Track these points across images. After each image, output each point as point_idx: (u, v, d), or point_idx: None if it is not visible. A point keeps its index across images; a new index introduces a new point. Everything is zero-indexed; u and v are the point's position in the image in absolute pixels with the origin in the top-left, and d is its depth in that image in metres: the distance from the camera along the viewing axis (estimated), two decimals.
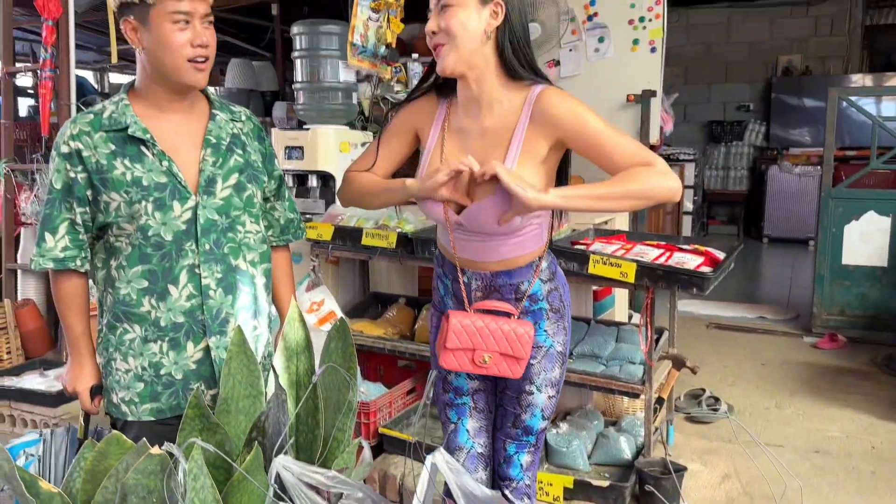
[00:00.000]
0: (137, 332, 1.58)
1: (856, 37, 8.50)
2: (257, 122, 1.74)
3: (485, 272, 1.60)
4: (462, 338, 1.58)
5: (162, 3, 1.46)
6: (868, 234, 4.27)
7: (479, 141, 1.55)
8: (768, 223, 8.16)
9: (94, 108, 1.56)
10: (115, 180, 1.51)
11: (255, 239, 1.67)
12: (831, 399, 3.44)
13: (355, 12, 3.39)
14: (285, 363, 1.64)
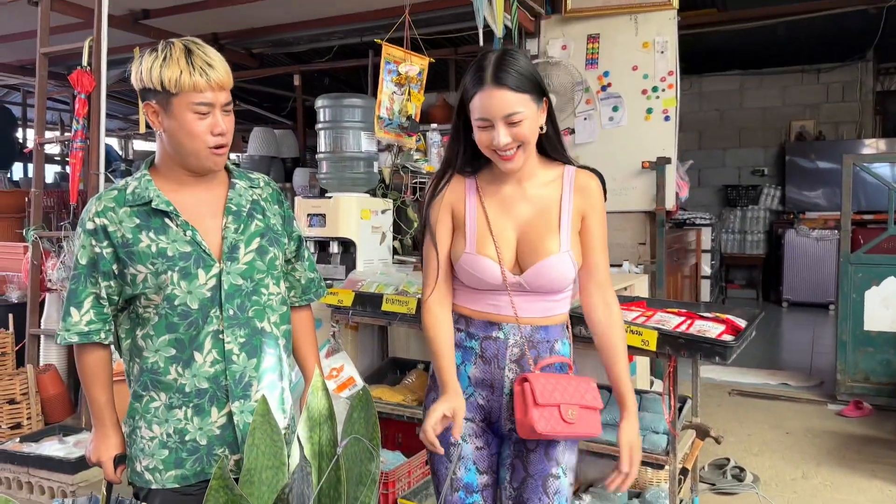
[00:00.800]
0: (163, 399, 1.59)
1: (867, 103, 8.61)
2: (276, 186, 1.78)
3: (524, 326, 1.63)
4: (547, 394, 1.56)
5: (186, 94, 1.49)
6: (889, 299, 4.25)
7: (523, 205, 1.64)
8: (787, 287, 8.11)
9: (117, 185, 1.60)
10: (141, 253, 1.54)
11: (277, 301, 1.69)
12: (859, 469, 3.36)
13: (381, 87, 3.52)
14: (308, 433, 1.64)
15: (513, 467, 1.68)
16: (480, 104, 1.54)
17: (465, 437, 1.67)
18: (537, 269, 1.59)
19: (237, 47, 6.02)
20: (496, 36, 4.20)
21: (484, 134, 1.57)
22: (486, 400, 1.67)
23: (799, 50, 8.11)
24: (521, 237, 1.62)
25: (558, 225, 1.62)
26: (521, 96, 1.53)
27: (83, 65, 4.05)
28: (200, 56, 1.51)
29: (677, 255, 5.70)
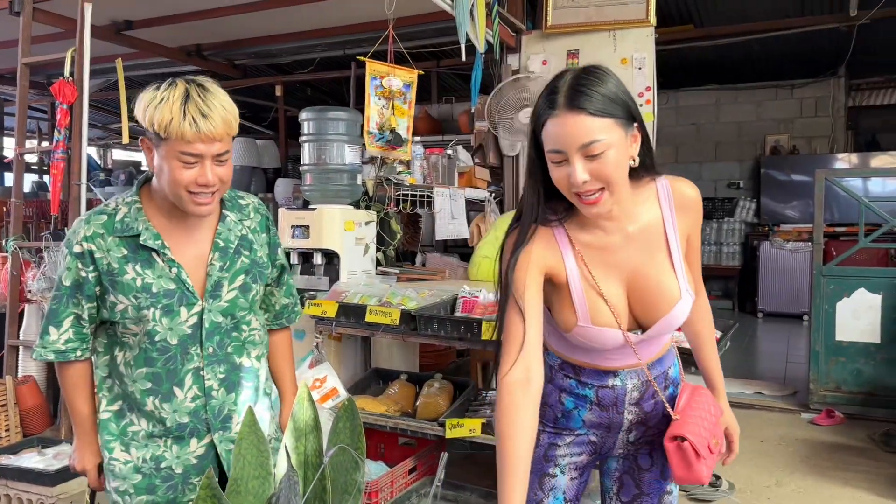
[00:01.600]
0: (144, 426, 1.61)
1: (839, 118, 8.81)
2: (265, 212, 1.77)
3: (639, 368, 1.49)
4: (702, 441, 1.40)
5: (174, 141, 1.46)
6: (860, 310, 4.36)
7: (627, 251, 1.42)
8: (762, 298, 8.26)
9: (107, 209, 1.58)
10: (125, 285, 1.54)
11: (259, 335, 1.73)
12: (831, 477, 3.44)
13: (368, 102, 3.56)
14: (294, 443, 1.67)
15: (621, 482, 1.61)
16: (553, 132, 1.30)
17: (563, 468, 1.54)
18: (663, 322, 1.42)
19: (220, 58, 6.03)
20: (478, 51, 4.27)
21: (559, 170, 1.32)
22: (601, 438, 1.55)
23: (773, 66, 8.30)
24: (633, 289, 1.42)
25: (671, 262, 1.43)
26: (602, 121, 1.28)
27: (65, 75, 4.06)
28: (196, 103, 1.46)
29: None
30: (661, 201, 1.44)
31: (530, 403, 1.33)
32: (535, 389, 1.35)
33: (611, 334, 1.40)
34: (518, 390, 1.33)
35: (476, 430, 2.82)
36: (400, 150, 3.71)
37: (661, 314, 1.41)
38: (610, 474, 1.62)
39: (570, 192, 1.33)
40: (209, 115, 1.47)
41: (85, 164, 4.10)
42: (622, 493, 1.60)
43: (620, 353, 1.45)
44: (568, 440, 1.52)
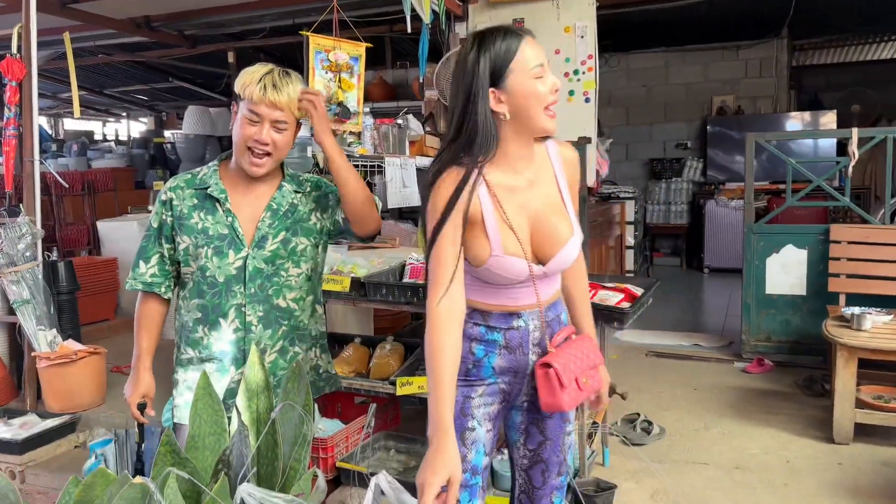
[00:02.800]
0: (193, 353, 1.96)
1: (783, 78, 9.08)
2: (325, 187, 2.02)
3: (539, 309, 1.66)
4: (569, 373, 1.60)
5: (246, 101, 1.82)
6: (788, 265, 4.64)
7: (530, 192, 1.62)
8: (708, 255, 8.60)
9: (192, 171, 1.98)
10: (190, 227, 1.90)
11: (296, 280, 1.97)
12: (755, 419, 3.74)
13: (312, 76, 3.65)
14: (247, 402, 1.85)
15: (527, 432, 1.75)
16: (532, 52, 1.54)
17: (479, 421, 1.67)
18: (559, 257, 1.61)
19: (170, 29, 6.02)
20: (424, 22, 4.37)
21: (542, 83, 1.55)
22: (509, 384, 1.69)
23: (719, 27, 8.48)
24: (535, 227, 1.62)
25: (564, 206, 1.65)
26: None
27: (13, 52, 4.07)
28: (273, 77, 1.82)
29: (602, 227, 6.04)
30: (552, 156, 1.68)
31: (457, 324, 1.54)
32: (461, 310, 1.55)
33: (517, 263, 1.58)
34: (447, 318, 1.51)
35: (425, 387, 3.02)
36: (350, 122, 3.82)
37: (557, 249, 1.61)
38: (516, 427, 1.77)
39: (546, 101, 1.56)
40: (279, 87, 1.82)
41: (37, 141, 4.15)
42: (528, 441, 1.75)
43: (523, 292, 1.63)
44: (480, 391, 1.66)
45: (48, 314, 4.10)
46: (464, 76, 1.55)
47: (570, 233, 1.63)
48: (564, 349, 1.65)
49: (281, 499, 1.61)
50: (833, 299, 4.31)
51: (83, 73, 9.14)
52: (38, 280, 4.07)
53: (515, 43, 1.54)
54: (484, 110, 1.53)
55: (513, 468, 1.82)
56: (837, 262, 4.34)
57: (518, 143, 1.60)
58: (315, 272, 2.04)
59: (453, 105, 1.58)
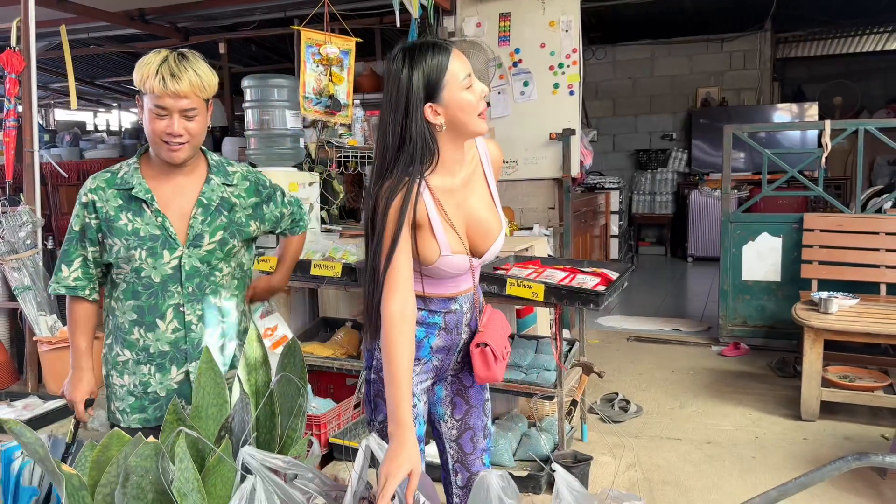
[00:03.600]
0: (129, 355, 1.93)
1: (766, 70, 9.26)
2: (254, 176, 2.02)
3: (471, 293, 1.82)
4: (499, 349, 1.79)
5: (150, 96, 1.78)
6: (763, 253, 4.82)
7: (464, 192, 1.74)
8: (692, 244, 8.79)
9: (112, 168, 1.91)
10: (119, 229, 1.85)
11: (227, 278, 1.98)
12: (728, 399, 3.92)
13: (303, 69, 3.79)
14: (247, 376, 2.01)
15: (453, 404, 1.90)
16: (460, 63, 1.64)
17: (418, 396, 1.81)
18: (493, 249, 1.77)
19: (163, 22, 6.12)
20: (413, 16, 4.50)
21: (472, 92, 1.64)
22: (441, 361, 1.83)
23: (704, 20, 8.64)
24: (470, 224, 1.74)
25: (493, 201, 1.79)
26: None
27: (12, 45, 4.18)
28: (169, 66, 1.75)
29: (587, 217, 6.20)
30: (480, 153, 1.80)
31: (410, 326, 1.64)
32: (412, 313, 1.65)
33: (462, 260, 1.73)
34: (401, 317, 1.61)
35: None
36: (340, 114, 3.97)
37: (490, 242, 1.76)
38: (441, 402, 1.91)
39: (479, 108, 1.65)
40: (178, 75, 1.75)
41: (36, 132, 4.27)
42: (455, 412, 1.91)
43: (463, 279, 1.79)
44: (417, 370, 1.79)
45: (48, 300, 4.23)
46: (398, 93, 1.62)
47: (499, 226, 1.78)
48: (490, 327, 1.83)
49: (279, 460, 1.77)
50: (806, 285, 4.49)
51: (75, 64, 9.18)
52: (38, 267, 4.20)
53: (445, 58, 1.62)
54: (422, 124, 1.62)
55: (441, 443, 1.94)
56: (810, 249, 4.51)
57: (453, 148, 1.70)
58: (241, 268, 2.04)
59: (390, 120, 1.64)
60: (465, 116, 1.65)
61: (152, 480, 1.57)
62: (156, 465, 1.54)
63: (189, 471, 1.59)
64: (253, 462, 1.74)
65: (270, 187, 2.08)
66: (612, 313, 5.97)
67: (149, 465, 1.54)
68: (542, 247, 3.83)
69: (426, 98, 1.64)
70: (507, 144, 5.26)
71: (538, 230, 4.93)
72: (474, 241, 1.77)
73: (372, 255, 1.68)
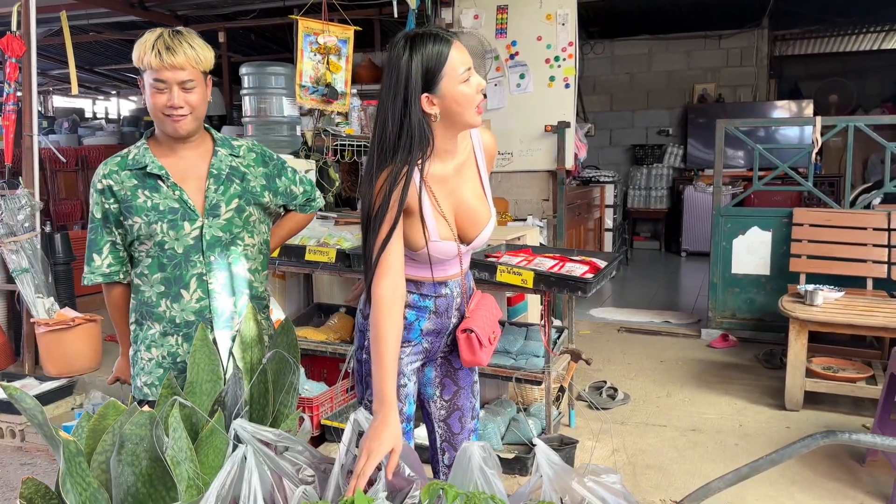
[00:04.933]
0: (157, 328, 1.96)
1: (763, 67, 9.31)
2: (259, 150, 2.07)
3: (460, 278, 1.86)
4: (485, 335, 1.83)
5: (148, 71, 1.83)
6: (753, 246, 4.89)
7: (456, 180, 1.77)
8: (686, 238, 8.86)
9: (121, 152, 1.95)
10: (138, 207, 1.89)
11: (252, 251, 2.02)
12: (714, 389, 3.99)
13: (300, 58, 3.84)
14: (242, 353, 2.06)
15: (442, 385, 1.95)
16: (460, 56, 1.64)
17: (408, 377, 1.85)
18: (481, 237, 1.80)
19: (163, 10, 6.15)
20: (410, 7, 4.55)
21: (470, 85, 1.65)
22: (431, 343, 1.86)
23: (702, 16, 8.68)
24: (460, 211, 1.78)
25: (483, 190, 1.82)
26: None
27: (12, 30, 4.22)
28: (164, 40, 1.81)
29: (581, 209, 6.26)
30: (475, 142, 1.84)
31: (398, 308, 1.68)
32: (401, 296, 1.70)
33: (450, 246, 1.77)
34: (391, 298, 1.66)
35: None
36: (337, 103, 4.02)
37: (479, 230, 1.81)
38: (431, 382, 1.96)
39: (475, 102, 1.66)
40: (172, 48, 1.81)
41: (36, 116, 4.31)
42: (444, 393, 1.96)
43: (451, 265, 1.83)
44: (408, 351, 1.84)
45: (46, 283, 4.28)
46: (398, 80, 1.64)
47: (488, 215, 1.83)
48: (477, 312, 1.87)
49: (270, 432, 1.83)
50: (794, 279, 4.55)
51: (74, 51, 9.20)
52: (36, 250, 4.25)
53: (446, 49, 1.63)
54: (419, 114, 1.64)
55: (430, 423, 1.99)
56: (799, 243, 4.57)
57: (447, 138, 1.73)
58: (266, 245, 2.09)
59: (389, 107, 1.66)
60: (460, 109, 1.67)
61: (147, 448, 1.62)
62: (150, 433, 1.60)
63: (182, 440, 1.64)
64: (245, 434, 1.79)
65: (278, 160, 2.14)
66: (604, 305, 6.04)
67: (143, 433, 1.60)
68: (534, 236, 3.89)
69: (423, 87, 1.67)
70: (502, 136, 5.31)
71: (532, 221, 4.99)
72: (463, 228, 1.81)
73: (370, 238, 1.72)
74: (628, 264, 8.39)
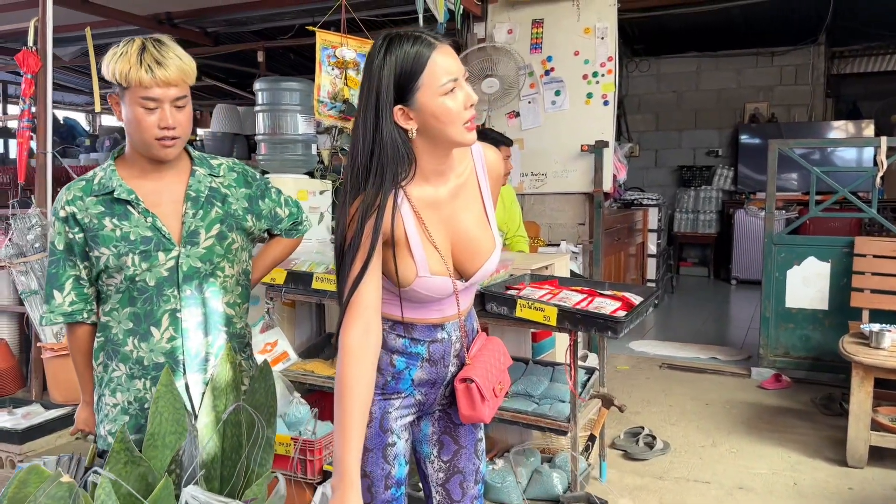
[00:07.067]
0: (123, 369, 1.74)
1: (819, 85, 8.83)
2: (241, 168, 1.86)
3: (459, 319, 1.61)
4: (488, 385, 1.58)
5: (134, 88, 1.60)
6: (809, 278, 4.47)
7: (452, 206, 1.54)
8: (736, 266, 8.38)
9: (85, 176, 1.73)
10: (105, 236, 1.67)
11: (232, 282, 1.81)
12: (766, 438, 3.59)
13: (318, 72, 3.62)
14: (213, 401, 1.80)
15: (440, 443, 1.70)
16: (445, 63, 1.39)
17: (398, 433, 1.62)
18: (482, 271, 1.57)
19: (192, 26, 6.06)
20: (439, 21, 4.31)
21: (454, 98, 1.40)
22: (425, 395, 1.64)
23: (753, 33, 8.29)
24: (457, 242, 1.54)
25: (486, 217, 1.58)
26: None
27: (29, 45, 4.11)
28: (152, 53, 1.60)
29: (621, 234, 5.90)
30: (476, 161, 1.58)
31: (371, 359, 1.45)
32: (374, 344, 1.46)
33: (443, 282, 1.51)
34: (358, 351, 1.42)
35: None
36: None
37: (479, 263, 1.55)
38: (427, 440, 1.70)
39: (461, 118, 1.41)
40: (163, 62, 1.61)
41: (50, 133, 4.18)
42: (443, 453, 1.70)
43: (447, 304, 1.57)
44: (396, 404, 1.60)
45: None
46: (369, 88, 1.41)
47: (491, 246, 1.57)
48: (480, 359, 1.61)
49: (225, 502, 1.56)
50: (856, 315, 4.12)
51: None
52: (46, 271, 4.10)
53: (426, 52, 1.37)
54: (391, 128, 1.40)
55: (427, 486, 1.73)
56: (861, 276, 4.15)
57: (434, 158, 1.48)
58: (246, 276, 1.88)
59: (360, 122, 1.42)
60: (440, 125, 1.42)
61: None
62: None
63: None
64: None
65: (261, 181, 1.91)
66: (645, 337, 5.64)
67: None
68: (563, 265, 3.57)
69: (397, 98, 1.40)
70: (536, 156, 5.02)
71: (565, 247, 4.66)
72: (461, 261, 1.57)
73: (341, 276, 1.48)
74: (673, 292, 7.95)
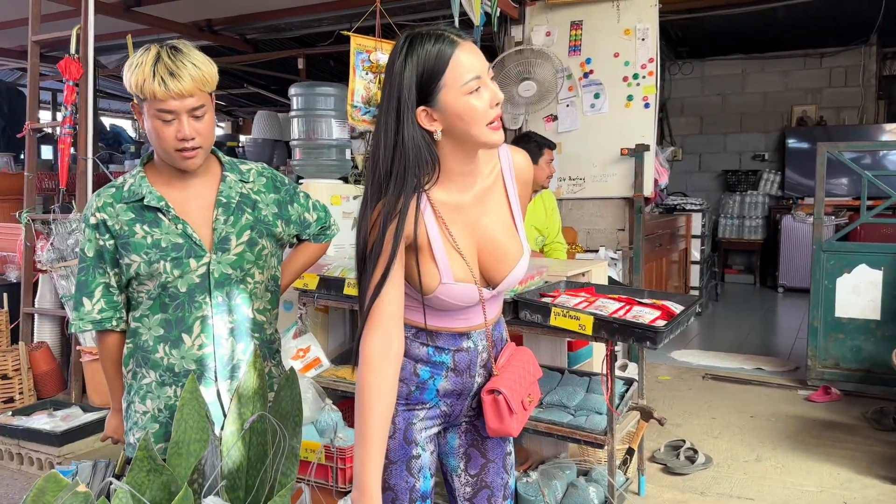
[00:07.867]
0: (153, 377, 1.72)
1: (870, 87, 8.53)
2: (270, 174, 1.85)
3: (486, 328, 1.57)
4: (516, 397, 1.52)
5: (150, 101, 1.59)
6: (860, 287, 4.28)
7: (477, 210, 1.49)
8: (783, 273, 8.13)
9: (115, 182, 1.73)
10: (136, 243, 1.66)
11: (262, 288, 1.80)
12: (814, 453, 3.43)
13: (353, 76, 3.60)
14: (239, 409, 1.77)
15: (468, 456, 1.65)
16: (469, 61, 1.34)
17: (423, 445, 1.57)
18: (509, 279, 1.51)
19: (231, 33, 6.12)
20: (475, 25, 4.25)
21: (479, 97, 1.36)
22: (451, 406, 1.58)
23: (801, 34, 8.05)
24: (483, 248, 1.50)
25: (514, 222, 1.54)
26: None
27: (71, 53, 4.18)
28: (165, 64, 1.56)
29: (662, 240, 5.76)
30: (503, 163, 1.54)
31: (392, 370, 1.41)
32: (396, 355, 1.42)
33: (468, 290, 1.46)
34: (380, 360, 1.39)
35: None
36: None
37: (507, 270, 1.50)
38: (454, 453, 1.65)
39: (486, 118, 1.36)
40: (177, 73, 1.57)
41: (91, 139, 4.24)
42: (470, 466, 1.64)
43: (473, 312, 1.52)
44: (421, 415, 1.55)
45: None
46: (391, 89, 1.36)
47: (519, 252, 1.51)
48: (508, 370, 1.54)
49: None
50: None
51: None
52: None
53: (449, 50, 1.33)
54: (414, 130, 1.35)
55: (454, 501, 1.67)
56: None
57: (459, 160, 1.43)
58: (275, 282, 1.86)
59: (382, 124, 1.37)
60: (465, 126, 1.37)
61: None
62: None
63: None
64: None
65: (290, 185, 1.89)
66: (688, 346, 5.49)
67: None
68: (601, 272, 3.47)
69: (419, 100, 1.36)
70: (574, 160, 4.92)
71: (604, 253, 4.56)
72: (488, 267, 1.51)
73: (363, 283, 1.43)
74: (718, 300, 7.74)
